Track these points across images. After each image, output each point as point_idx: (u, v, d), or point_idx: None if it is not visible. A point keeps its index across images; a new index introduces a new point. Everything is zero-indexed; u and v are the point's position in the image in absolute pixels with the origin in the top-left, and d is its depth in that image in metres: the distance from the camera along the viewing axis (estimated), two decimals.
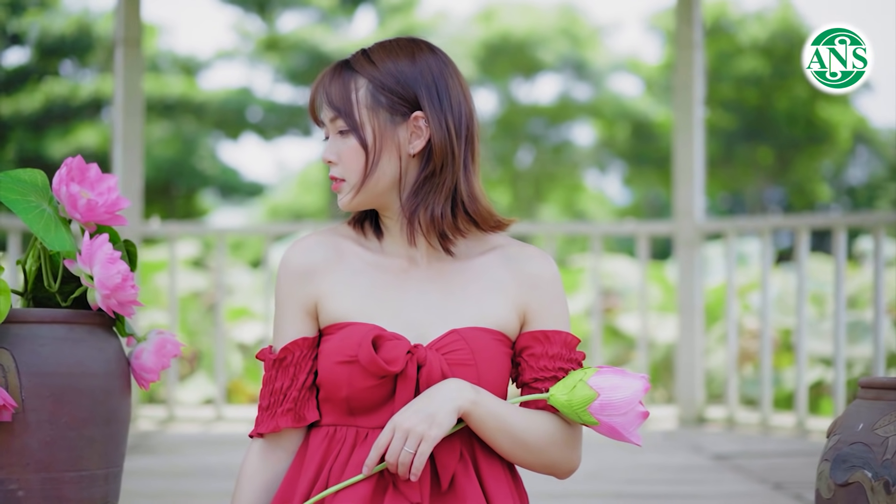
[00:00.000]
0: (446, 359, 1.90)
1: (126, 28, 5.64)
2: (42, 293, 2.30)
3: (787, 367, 6.91)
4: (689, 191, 5.71)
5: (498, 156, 19.80)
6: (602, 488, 3.87)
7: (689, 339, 5.69)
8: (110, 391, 2.24)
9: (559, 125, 20.06)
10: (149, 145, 17.07)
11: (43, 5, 17.72)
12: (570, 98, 19.86)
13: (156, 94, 17.08)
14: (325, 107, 1.96)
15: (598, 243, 5.87)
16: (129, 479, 4.01)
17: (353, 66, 1.96)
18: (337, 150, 1.95)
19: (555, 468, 1.98)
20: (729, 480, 4.06)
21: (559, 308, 2.00)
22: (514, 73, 19.58)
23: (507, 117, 19.77)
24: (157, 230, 5.87)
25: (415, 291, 1.96)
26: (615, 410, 1.91)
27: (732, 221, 5.73)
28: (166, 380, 5.84)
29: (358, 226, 2.03)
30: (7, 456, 2.14)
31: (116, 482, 2.30)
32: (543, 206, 20.55)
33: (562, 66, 19.38)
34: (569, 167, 20.37)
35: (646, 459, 4.55)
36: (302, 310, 1.98)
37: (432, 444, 1.83)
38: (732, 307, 5.62)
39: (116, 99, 5.69)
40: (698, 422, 5.68)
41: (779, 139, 18.27)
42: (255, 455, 1.99)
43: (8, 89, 16.89)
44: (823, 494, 2.10)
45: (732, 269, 5.66)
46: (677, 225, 5.72)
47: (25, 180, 2.28)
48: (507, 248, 2.02)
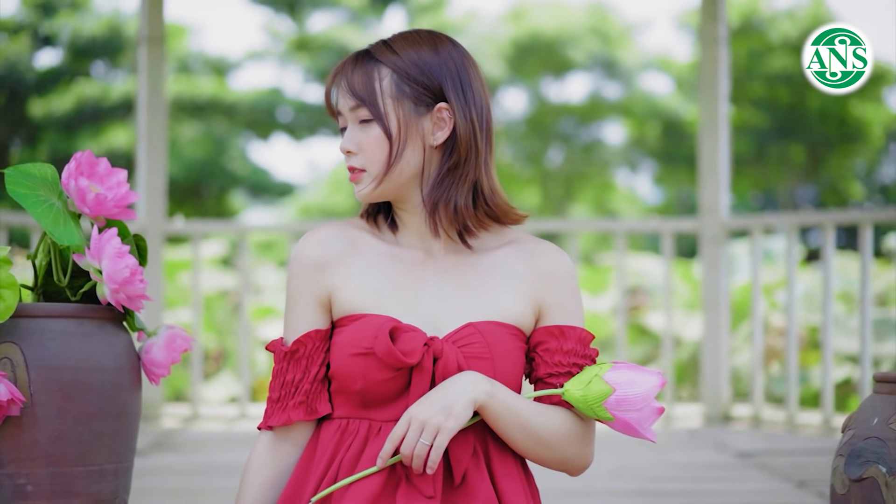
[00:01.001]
0: (462, 352, 1.88)
1: (150, 27, 5.66)
2: (52, 288, 2.29)
3: (815, 364, 6.85)
4: (715, 187, 5.67)
5: (528, 155, 19.75)
6: (624, 486, 3.84)
7: (714, 337, 5.65)
8: (119, 386, 2.23)
9: (589, 124, 19.99)
10: (180, 146, 17.14)
11: (74, 7, 17.82)
12: (600, 97, 19.78)
13: (186, 94, 17.14)
14: (345, 95, 1.93)
15: (623, 240, 5.84)
16: (149, 475, 4.04)
17: (376, 56, 1.93)
18: (357, 140, 1.93)
19: (568, 464, 1.96)
20: (752, 478, 4.03)
21: (574, 303, 1.98)
22: (543, 72, 19.52)
23: (537, 116, 19.72)
24: (180, 228, 5.88)
25: (430, 284, 1.94)
26: (631, 406, 1.89)
27: (758, 218, 5.70)
28: (191, 378, 5.85)
29: (371, 219, 2.01)
30: (16, 450, 2.13)
31: (127, 477, 2.29)
32: (574, 205, 20.48)
33: (592, 65, 19.31)
34: (599, 166, 20.29)
35: (669, 457, 4.53)
36: (315, 301, 1.96)
37: (449, 437, 1.81)
38: (758, 305, 5.58)
39: (140, 97, 5.71)
40: (724, 420, 5.65)
41: (811, 137, 18.15)
42: (262, 448, 1.97)
43: (40, 90, 16.99)
44: (838, 490, 2.07)
45: (758, 267, 5.62)
46: (702, 222, 5.69)
47: (35, 175, 2.27)
48: (523, 243, 2.00)
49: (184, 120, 17.43)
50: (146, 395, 5.63)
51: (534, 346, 1.96)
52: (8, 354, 2.14)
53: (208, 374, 7.44)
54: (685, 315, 7.68)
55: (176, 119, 17.40)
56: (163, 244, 5.72)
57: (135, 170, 5.76)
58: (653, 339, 8.06)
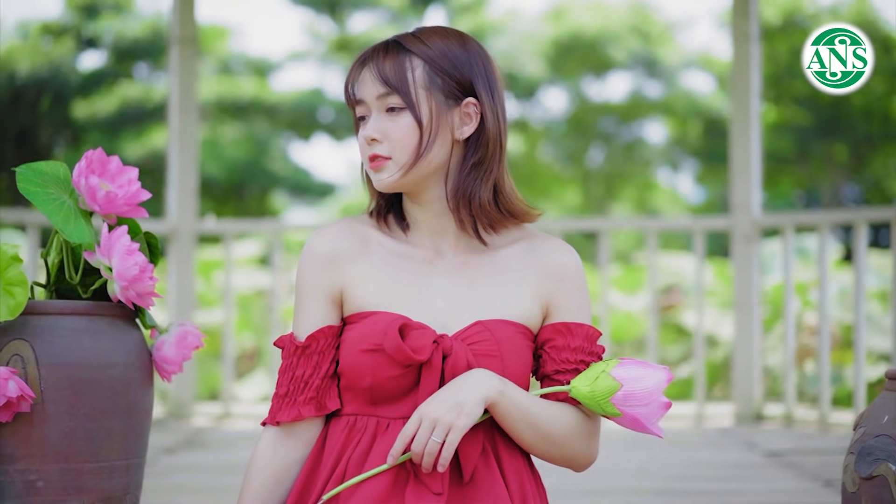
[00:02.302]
0: (472, 349, 1.88)
1: (181, 27, 5.69)
2: (65, 285, 2.31)
3: (850, 364, 6.79)
4: (746, 185, 5.64)
5: (569, 155, 19.70)
6: (648, 484, 3.82)
7: (746, 336, 5.62)
8: (130, 383, 2.25)
9: (630, 123, 19.90)
10: (222, 147, 17.23)
11: (117, 9, 17.96)
12: (641, 95, 19.69)
13: (228, 95, 17.23)
14: (374, 83, 1.91)
15: (654, 239, 5.81)
16: (177, 472, 4.07)
17: (407, 46, 1.93)
18: (383, 128, 1.91)
19: (574, 460, 1.96)
20: (779, 477, 3.99)
21: (581, 300, 1.98)
22: (584, 71, 19.46)
23: (578, 116, 19.66)
24: (212, 228, 5.91)
25: (440, 283, 1.95)
26: (638, 401, 1.89)
27: (790, 216, 5.65)
28: (224, 376, 5.88)
29: (381, 218, 2.01)
30: (27, 447, 2.15)
31: (138, 473, 2.30)
32: (615, 204, 20.41)
33: (633, 64, 19.22)
34: (641, 165, 20.20)
35: (697, 456, 4.50)
36: (327, 297, 1.95)
37: (461, 434, 1.81)
38: (790, 303, 5.54)
39: (172, 98, 5.74)
40: (756, 419, 5.61)
41: (854, 135, 17.97)
42: (266, 444, 1.96)
43: (84, 92, 17.15)
44: (849, 488, 2.06)
45: (790, 265, 5.58)
46: (734, 220, 5.65)
47: (47, 173, 2.29)
48: (531, 240, 2.00)
49: (225, 121, 17.52)
50: (178, 393, 5.67)
51: (541, 344, 1.96)
52: (19, 351, 2.16)
53: (242, 373, 7.48)
54: (722, 314, 7.64)
55: (217, 120, 17.51)
56: (195, 244, 5.75)
57: (167, 170, 5.80)
58: (689, 338, 8.01)
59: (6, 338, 2.16)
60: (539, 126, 19.82)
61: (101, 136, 16.85)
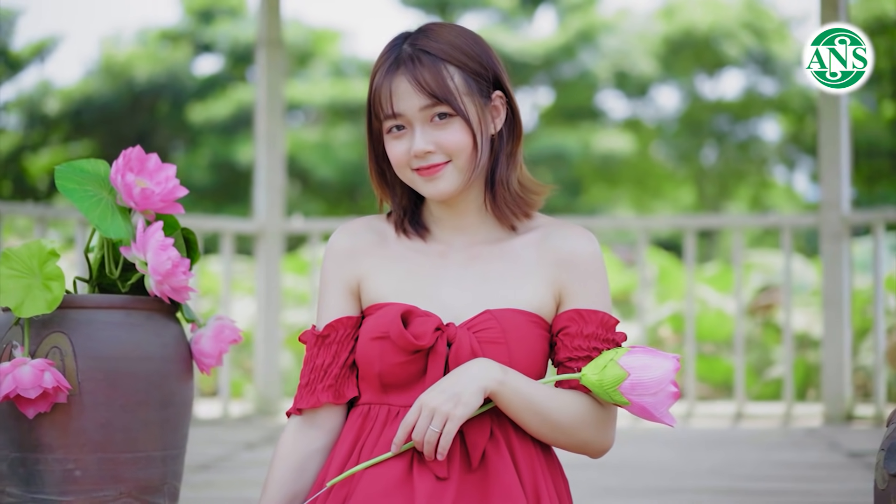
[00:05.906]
0: (477, 337, 1.90)
1: (268, 30, 5.78)
2: (106, 280, 2.37)
3: None
4: (836, 181, 5.53)
5: (681, 153, 19.50)
6: (717, 484, 3.78)
7: (836, 335, 5.51)
8: (167, 375, 2.30)
9: (745, 121, 19.62)
10: (334, 149, 17.42)
11: (232, 13, 18.28)
12: (755, 93, 19.40)
13: (340, 98, 17.42)
14: (417, 95, 1.91)
15: (739, 236, 5.74)
16: (253, 467, 4.13)
17: (434, 53, 1.93)
18: (433, 138, 1.92)
19: (586, 447, 1.96)
20: (856, 478, 3.91)
21: (596, 287, 1.97)
22: (697, 68, 19.25)
23: (691, 114, 19.44)
24: (299, 227, 5.98)
25: (452, 274, 1.97)
26: (645, 390, 1.88)
27: (880, 212, 5.53)
28: None
29: (398, 221, 2.03)
30: (64, 436, 2.22)
31: (176, 464, 2.35)
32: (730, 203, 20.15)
33: (746, 61, 18.96)
34: (756, 163, 19.91)
35: (777, 456, 4.43)
36: (346, 289, 2.00)
37: (458, 424, 1.83)
38: (879, 301, 5.42)
39: (259, 99, 5.83)
40: (846, 419, 5.50)
41: None
42: (289, 433, 2.00)
43: (200, 96, 17.48)
44: (879, 485, 2.02)
45: (881, 263, 5.46)
46: (822, 216, 5.55)
47: (87, 171, 2.36)
48: (545, 228, 2.01)
49: (337, 123, 17.71)
50: (266, 390, 5.76)
51: (556, 332, 1.96)
52: (57, 344, 2.23)
53: None
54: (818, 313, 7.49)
55: (330, 123, 17.70)
56: (282, 243, 5.83)
57: (254, 170, 5.89)
58: None
59: (45, 331, 2.23)
60: (651, 125, 19.65)
61: (216, 139, 17.16)
